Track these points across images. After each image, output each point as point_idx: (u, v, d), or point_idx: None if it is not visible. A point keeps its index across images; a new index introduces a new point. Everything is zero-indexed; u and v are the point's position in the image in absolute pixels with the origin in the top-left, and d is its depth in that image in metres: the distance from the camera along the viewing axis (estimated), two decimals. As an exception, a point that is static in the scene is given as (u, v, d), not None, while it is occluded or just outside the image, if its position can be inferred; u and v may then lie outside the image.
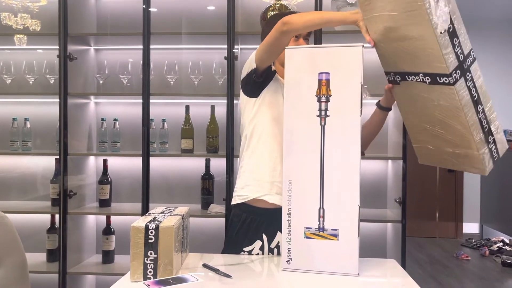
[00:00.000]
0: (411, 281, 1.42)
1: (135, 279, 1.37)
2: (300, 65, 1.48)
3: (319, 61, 1.46)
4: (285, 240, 1.50)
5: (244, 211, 1.72)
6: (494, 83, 5.63)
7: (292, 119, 1.49)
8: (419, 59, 1.40)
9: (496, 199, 5.31)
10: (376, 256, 1.75)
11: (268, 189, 1.69)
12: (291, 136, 1.49)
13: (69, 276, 2.78)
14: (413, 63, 1.44)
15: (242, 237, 1.71)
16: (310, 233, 1.47)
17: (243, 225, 1.72)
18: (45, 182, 3.00)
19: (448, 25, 1.34)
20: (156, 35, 2.75)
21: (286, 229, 1.50)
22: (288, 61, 1.49)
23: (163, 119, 2.88)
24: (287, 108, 1.50)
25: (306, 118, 1.46)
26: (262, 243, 1.70)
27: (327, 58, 1.46)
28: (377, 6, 1.43)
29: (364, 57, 1.43)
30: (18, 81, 2.99)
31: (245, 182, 1.73)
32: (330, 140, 1.45)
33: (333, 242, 1.46)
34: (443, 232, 5.70)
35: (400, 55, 1.47)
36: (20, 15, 2.80)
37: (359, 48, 1.43)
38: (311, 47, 1.57)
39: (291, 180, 1.49)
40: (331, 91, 1.45)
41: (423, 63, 1.40)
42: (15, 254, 1.47)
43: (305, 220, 1.48)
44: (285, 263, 1.50)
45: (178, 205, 1.80)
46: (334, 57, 1.45)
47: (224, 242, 1.81)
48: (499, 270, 4.31)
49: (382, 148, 2.96)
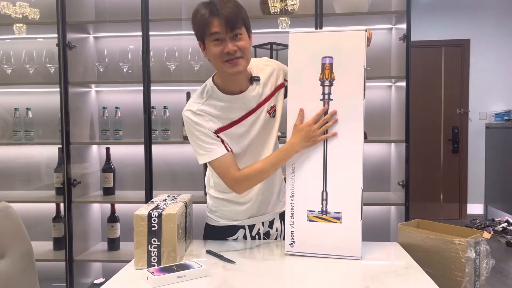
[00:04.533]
0: (414, 264, 1.42)
1: (139, 267, 1.38)
2: (304, 50, 1.47)
3: (323, 46, 1.45)
4: (289, 224, 1.51)
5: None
6: (504, 62, 5.58)
7: (296, 103, 1.48)
8: None
9: (500, 179, 5.29)
10: (379, 239, 1.75)
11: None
12: (295, 119, 1.48)
13: (75, 263, 2.81)
14: None
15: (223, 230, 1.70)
16: (313, 216, 1.48)
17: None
18: (49, 171, 3.02)
19: None
20: (155, 21, 2.72)
21: (290, 212, 1.51)
22: (292, 46, 1.48)
23: (165, 106, 2.87)
24: (291, 92, 1.49)
25: (309, 102, 1.46)
26: (245, 231, 1.69)
27: (330, 43, 1.44)
28: None
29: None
30: (19, 71, 2.98)
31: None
32: (333, 124, 1.45)
33: (336, 225, 1.46)
34: (447, 213, 5.71)
35: None
36: (19, 4, 2.78)
37: (362, 32, 1.43)
38: (315, 32, 1.57)
39: (294, 164, 1.50)
40: (335, 75, 1.44)
41: None
42: (21, 244, 1.48)
43: (308, 204, 1.48)
44: (288, 246, 1.51)
45: (181, 191, 1.81)
46: (338, 42, 1.44)
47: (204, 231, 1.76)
48: (504, 250, 4.33)
49: (385, 131, 2.95)
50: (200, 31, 1.42)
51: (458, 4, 5.55)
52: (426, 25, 5.45)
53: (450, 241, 1.45)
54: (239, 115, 1.52)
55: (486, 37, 5.56)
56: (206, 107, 1.50)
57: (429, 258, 1.49)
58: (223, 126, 1.51)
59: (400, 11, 2.62)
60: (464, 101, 5.64)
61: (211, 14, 1.38)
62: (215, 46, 1.41)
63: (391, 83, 2.93)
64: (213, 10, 1.38)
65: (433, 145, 5.71)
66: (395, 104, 2.86)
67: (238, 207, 1.64)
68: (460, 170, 5.72)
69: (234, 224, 1.67)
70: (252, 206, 1.64)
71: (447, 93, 5.67)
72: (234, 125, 1.52)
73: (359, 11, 2.63)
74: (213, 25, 1.38)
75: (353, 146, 1.44)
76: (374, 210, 2.86)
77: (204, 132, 1.48)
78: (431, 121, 5.68)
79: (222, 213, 1.68)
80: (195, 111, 1.49)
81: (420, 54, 5.40)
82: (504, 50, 5.58)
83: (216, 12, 1.37)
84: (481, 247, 1.43)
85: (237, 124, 1.52)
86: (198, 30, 1.43)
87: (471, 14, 5.55)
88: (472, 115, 5.65)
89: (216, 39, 1.40)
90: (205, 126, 1.48)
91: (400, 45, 2.67)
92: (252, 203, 1.63)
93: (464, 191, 5.73)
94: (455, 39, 5.59)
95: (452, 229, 1.59)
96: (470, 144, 5.68)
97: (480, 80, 5.58)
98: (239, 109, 1.52)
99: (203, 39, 1.44)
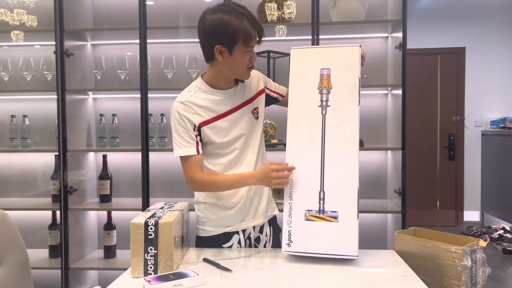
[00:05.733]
0: (411, 272, 1.43)
1: (136, 275, 1.37)
2: (304, 63, 1.62)
3: (322, 59, 1.61)
4: (286, 223, 1.54)
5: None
6: (499, 70, 5.62)
7: (296, 110, 1.61)
8: None
9: (496, 186, 5.31)
10: (376, 247, 1.75)
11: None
12: (295, 124, 1.59)
13: (71, 271, 2.79)
14: None
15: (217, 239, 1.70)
16: (310, 215, 1.52)
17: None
18: (45, 178, 3.01)
19: None
20: (153, 29, 2.73)
21: (287, 211, 1.55)
22: (293, 60, 1.64)
23: (162, 113, 2.87)
24: (292, 100, 1.62)
25: (308, 108, 1.58)
26: (239, 237, 1.70)
27: (328, 57, 1.60)
28: None
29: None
30: (16, 78, 2.98)
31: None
32: (330, 127, 1.55)
33: (333, 224, 1.49)
34: (444, 220, 5.72)
35: None
36: (16, 11, 2.78)
37: (357, 48, 1.58)
38: (315, 48, 1.77)
39: (293, 165, 1.56)
40: (332, 84, 1.57)
41: None
42: (17, 252, 1.48)
43: (306, 203, 1.53)
44: (286, 246, 1.53)
45: (178, 199, 1.81)
46: (335, 56, 1.60)
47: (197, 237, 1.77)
48: (500, 258, 4.33)
49: (382, 139, 2.96)
50: (233, 39, 1.51)
51: (454, 13, 5.60)
52: (422, 34, 5.49)
53: (447, 249, 1.45)
54: (224, 109, 1.63)
55: (481, 45, 5.60)
56: (194, 99, 1.62)
57: (426, 266, 1.50)
58: (208, 119, 1.62)
59: (396, 20, 2.64)
60: (460, 108, 5.67)
61: (253, 27, 1.52)
62: (245, 55, 1.56)
63: (388, 91, 2.95)
64: (254, 25, 1.53)
65: (430, 152, 5.73)
66: (392, 111, 2.87)
67: (227, 212, 1.67)
68: (457, 177, 5.73)
69: (227, 231, 1.68)
70: (242, 209, 1.67)
71: (443, 100, 5.70)
72: (219, 119, 1.63)
73: (355, 19, 2.64)
74: (254, 39, 1.54)
75: (349, 148, 1.52)
76: (371, 217, 2.86)
77: (185, 128, 1.60)
78: (427, 129, 5.70)
79: (214, 222, 1.69)
80: (183, 102, 1.61)
81: (416, 62, 5.43)
82: (500, 58, 5.63)
83: (257, 27, 1.53)
84: (477, 255, 1.43)
85: (222, 118, 1.63)
86: (232, 38, 1.51)
87: (466, 22, 5.59)
88: (468, 122, 5.67)
89: (249, 50, 1.56)
90: (190, 120, 1.59)
91: (396, 53, 2.69)
92: (242, 205, 1.66)
93: (460, 198, 5.74)
94: (451, 47, 5.63)
95: (449, 237, 1.60)
96: (466, 151, 5.70)
97: (476, 87, 5.62)
98: (225, 104, 1.64)
99: (232, 46, 1.53)
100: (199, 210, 1.72)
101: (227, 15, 1.51)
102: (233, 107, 1.65)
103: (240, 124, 1.65)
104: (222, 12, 1.51)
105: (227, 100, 1.64)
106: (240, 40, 1.52)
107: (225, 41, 1.53)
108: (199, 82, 1.67)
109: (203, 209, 1.71)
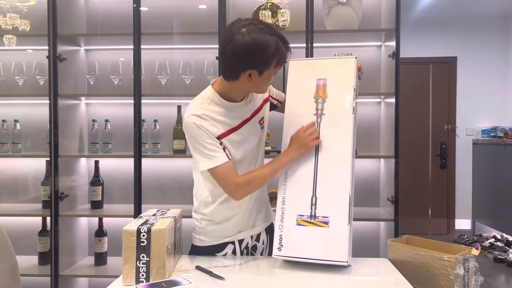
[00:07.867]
0: (404, 280, 1.42)
1: (127, 283, 1.36)
2: (302, 74, 1.68)
3: (318, 70, 1.66)
4: (278, 227, 1.54)
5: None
6: (490, 80, 5.68)
7: (292, 118, 1.64)
8: None
9: (487, 195, 5.35)
10: (369, 255, 1.75)
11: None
12: (291, 132, 1.61)
13: (61, 278, 2.75)
14: None
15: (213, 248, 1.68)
16: (302, 220, 1.53)
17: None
18: (36, 184, 2.97)
19: None
20: (147, 35, 2.73)
21: (280, 216, 1.55)
22: (291, 71, 1.69)
23: (155, 119, 2.86)
24: (288, 109, 1.67)
25: (304, 117, 1.61)
26: (234, 246, 1.68)
27: (325, 68, 1.66)
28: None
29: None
30: (8, 82, 2.96)
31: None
32: (324, 135, 1.58)
33: (324, 229, 1.50)
34: (435, 228, 5.74)
35: None
36: (9, 15, 2.76)
37: (353, 60, 1.63)
38: (312, 59, 1.83)
39: (287, 171, 1.59)
40: (327, 94, 1.61)
41: None
42: (6, 258, 1.46)
43: (298, 208, 1.54)
44: (276, 250, 1.53)
45: (171, 206, 1.79)
46: (332, 67, 1.65)
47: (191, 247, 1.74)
48: (492, 266, 4.35)
49: (375, 147, 2.97)
50: (268, 63, 1.46)
51: (446, 23, 5.66)
52: (414, 43, 5.54)
53: (439, 258, 1.45)
54: (237, 122, 1.58)
55: (472, 54, 5.67)
56: (209, 112, 1.53)
57: (419, 274, 1.50)
58: (224, 132, 1.55)
59: (390, 29, 2.66)
60: (451, 117, 5.72)
61: (286, 49, 1.49)
62: (272, 73, 1.52)
63: (381, 99, 2.96)
64: (286, 46, 1.49)
65: (422, 160, 5.77)
66: (385, 120, 2.88)
67: (226, 223, 1.65)
68: (448, 186, 5.77)
69: (224, 242, 1.66)
70: (242, 219, 1.65)
71: (435, 109, 5.75)
72: (233, 132, 1.57)
73: (349, 28, 2.66)
74: (286, 59, 1.53)
75: (342, 154, 1.55)
76: (363, 225, 2.87)
77: (208, 137, 1.51)
78: (419, 137, 5.75)
79: (212, 233, 1.66)
80: (200, 115, 1.51)
81: (408, 71, 5.48)
82: (491, 67, 5.70)
83: (288, 48, 1.51)
84: (470, 263, 1.44)
85: (235, 132, 1.58)
86: (267, 62, 1.46)
87: (458, 32, 5.66)
88: (459, 131, 5.73)
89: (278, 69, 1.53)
90: (210, 131, 1.51)
91: (390, 62, 2.71)
92: (242, 214, 1.65)
93: (452, 206, 5.77)
94: (443, 56, 5.70)
95: (441, 245, 1.61)
96: (457, 159, 5.75)
97: (467, 96, 5.68)
98: (237, 117, 1.59)
99: (264, 70, 1.47)
100: (197, 220, 1.69)
101: (261, 36, 1.41)
102: (244, 119, 1.60)
103: (250, 137, 1.62)
104: (256, 33, 1.42)
105: (239, 113, 1.59)
106: (274, 63, 1.47)
107: (259, 66, 1.46)
108: (211, 92, 1.57)
109: (202, 220, 1.67)
